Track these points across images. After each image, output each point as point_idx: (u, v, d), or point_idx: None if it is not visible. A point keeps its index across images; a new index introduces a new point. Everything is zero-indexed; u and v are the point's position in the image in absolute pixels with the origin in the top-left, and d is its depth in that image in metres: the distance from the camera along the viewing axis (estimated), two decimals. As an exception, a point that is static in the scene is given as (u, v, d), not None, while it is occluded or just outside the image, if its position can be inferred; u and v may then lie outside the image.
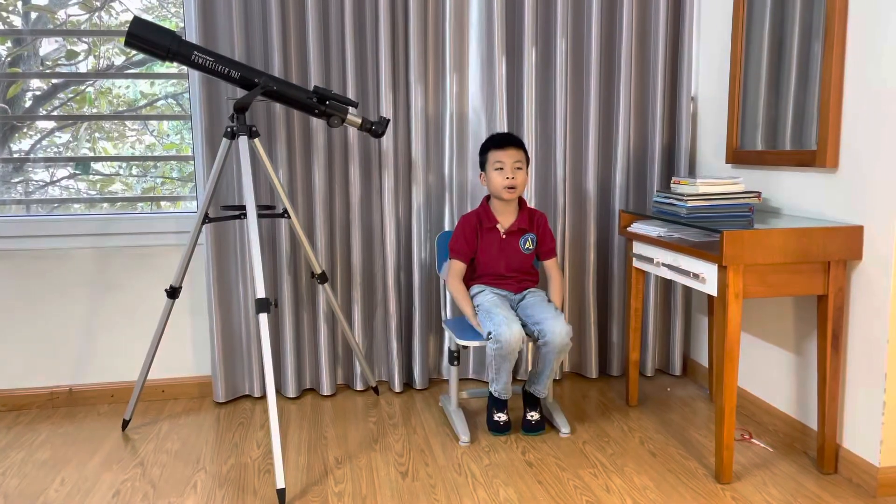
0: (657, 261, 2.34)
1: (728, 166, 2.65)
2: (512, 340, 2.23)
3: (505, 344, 2.23)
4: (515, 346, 2.25)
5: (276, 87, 2.26)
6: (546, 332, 2.26)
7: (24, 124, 2.77)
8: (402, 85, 2.72)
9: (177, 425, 2.55)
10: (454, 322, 2.51)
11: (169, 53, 2.13)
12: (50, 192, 2.83)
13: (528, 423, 2.41)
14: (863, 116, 1.98)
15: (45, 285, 2.70)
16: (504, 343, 2.23)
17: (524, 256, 2.49)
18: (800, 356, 2.29)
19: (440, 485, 2.07)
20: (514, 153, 2.39)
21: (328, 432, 2.46)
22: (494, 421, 2.42)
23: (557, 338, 2.25)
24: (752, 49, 2.46)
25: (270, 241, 2.73)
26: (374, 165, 2.75)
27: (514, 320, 2.28)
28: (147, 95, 2.86)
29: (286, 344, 2.74)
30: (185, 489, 2.07)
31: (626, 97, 2.80)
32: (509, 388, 2.39)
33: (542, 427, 2.42)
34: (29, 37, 2.72)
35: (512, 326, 2.24)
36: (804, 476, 2.10)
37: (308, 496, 2.01)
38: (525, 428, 2.41)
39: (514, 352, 2.26)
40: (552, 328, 2.26)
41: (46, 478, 2.16)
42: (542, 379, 2.37)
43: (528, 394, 2.44)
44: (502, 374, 2.33)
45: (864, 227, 1.99)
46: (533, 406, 2.44)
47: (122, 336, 2.77)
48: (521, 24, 2.71)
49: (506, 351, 2.25)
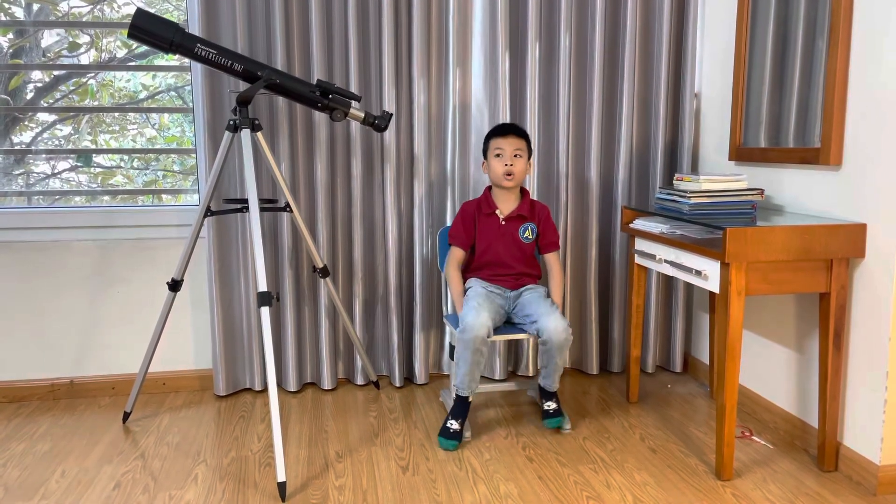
0: (659, 257, 2.34)
1: (731, 163, 2.64)
2: (475, 326, 2.19)
3: (467, 328, 2.20)
4: (478, 335, 2.19)
5: (279, 80, 2.25)
6: (543, 331, 2.26)
7: (26, 116, 2.76)
8: (404, 79, 2.72)
9: (177, 418, 2.55)
10: (454, 317, 2.51)
11: (172, 46, 2.13)
12: (51, 184, 2.82)
13: (546, 412, 2.39)
14: (867, 114, 1.97)
15: (47, 277, 2.70)
16: (466, 327, 2.20)
17: (523, 245, 2.47)
18: (801, 354, 2.29)
19: (441, 479, 2.07)
20: (514, 141, 2.39)
21: (329, 426, 2.46)
22: (445, 427, 2.29)
23: (554, 335, 2.24)
24: (755, 45, 2.45)
25: (272, 235, 2.73)
26: (377, 160, 2.75)
27: (484, 310, 2.24)
28: (148, 88, 2.85)
29: (287, 338, 2.74)
30: (185, 482, 2.07)
31: (629, 93, 2.79)
32: (472, 385, 2.28)
33: (560, 416, 2.38)
34: (31, 28, 2.71)
35: (480, 314, 2.21)
36: (804, 474, 2.10)
37: (309, 490, 2.02)
38: (543, 417, 2.40)
39: (476, 341, 2.20)
40: (547, 325, 2.25)
41: (47, 469, 2.16)
42: (549, 373, 2.37)
43: (541, 388, 2.44)
44: (461, 363, 2.26)
45: (866, 225, 1.99)
46: (547, 397, 2.42)
47: (124, 329, 2.77)
48: (525, 18, 2.71)
49: (467, 337, 2.20)
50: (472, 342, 2.22)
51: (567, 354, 2.36)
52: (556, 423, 2.39)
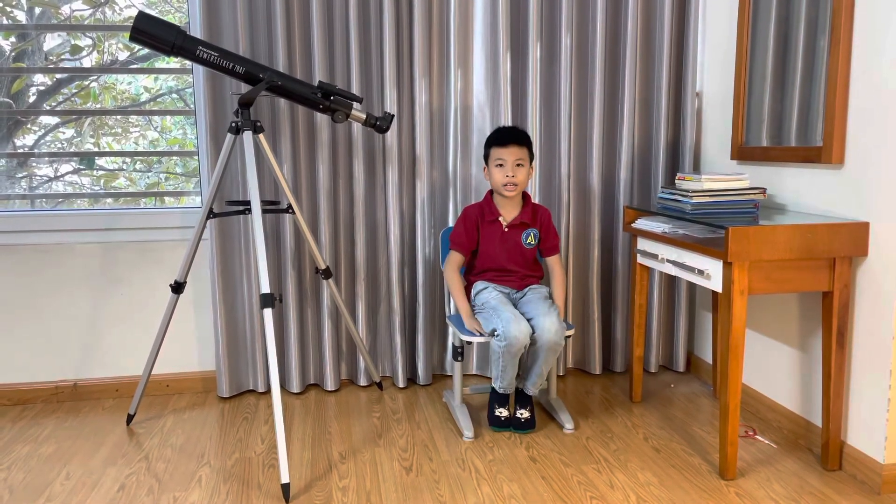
0: (662, 257, 2.34)
1: (733, 162, 2.64)
2: (520, 337, 2.22)
3: (513, 341, 2.22)
4: (523, 343, 2.24)
5: (281, 82, 2.25)
6: (535, 329, 2.26)
7: (29, 119, 2.77)
8: (406, 80, 2.72)
9: (181, 420, 2.56)
10: (458, 318, 2.51)
11: (174, 48, 2.13)
12: (54, 187, 2.83)
13: (518, 420, 2.39)
14: (869, 112, 1.97)
15: (50, 280, 2.70)
16: (512, 340, 2.22)
17: (526, 251, 2.48)
18: (804, 353, 2.29)
19: (444, 480, 2.07)
20: (515, 150, 2.39)
21: (332, 427, 2.47)
22: (495, 416, 2.41)
23: (546, 334, 2.24)
24: (757, 44, 2.45)
25: (275, 237, 2.73)
26: (379, 161, 2.75)
27: (521, 318, 2.27)
28: (150, 90, 2.86)
29: (290, 339, 2.74)
30: (189, 483, 2.07)
31: (630, 93, 2.79)
32: (514, 383, 2.38)
33: (533, 425, 2.40)
34: (33, 32, 2.72)
35: (520, 324, 2.24)
36: (808, 473, 2.10)
37: (312, 491, 2.02)
38: (514, 426, 2.40)
39: (521, 349, 2.26)
40: (542, 324, 2.25)
41: (52, 472, 2.17)
42: (531, 376, 2.36)
43: (519, 391, 2.43)
44: (508, 371, 2.32)
45: (869, 224, 1.98)
46: (524, 403, 2.41)
47: (127, 331, 2.77)
48: (526, 19, 2.71)
49: (515, 349, 2.24)
50: (519, 350, 2.25)
51: (554, 361, 2.32)
52: (526, 432, 2.39)
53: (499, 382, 2.37)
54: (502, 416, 2.40)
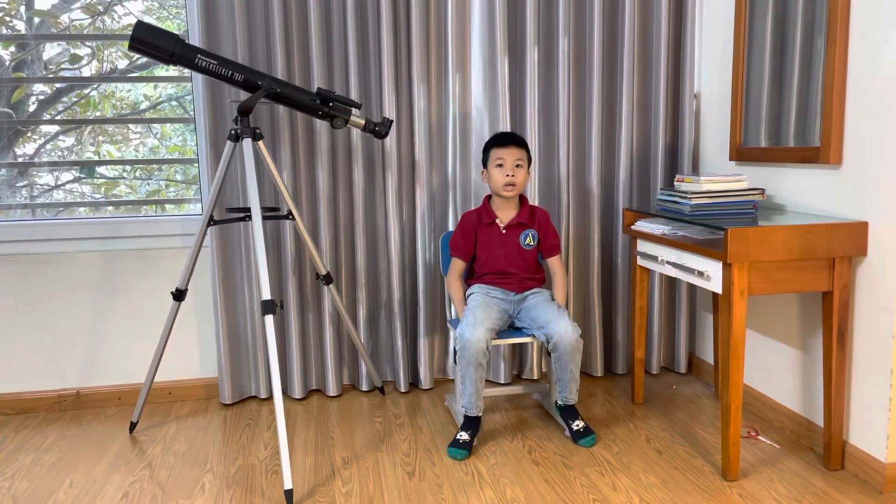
0: (661, 259, 2.34)
1: (732, 163, 2.65)
2: (473, 341, 2.18)
3: (466, 344, 2.19)
4: (477, 351, 2.19)
5: (280, 89, 2.26)
6: (553, 335, 2.23)
7: (29, 128, 2.78)
8: (404, 86, 2.73)
9: (184, 427, 2.56)
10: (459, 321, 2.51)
11: (172, 57, 2.14)
12: (55, 195, 2.84)
13: (577, 433, 2.31)
14: (866, 112, 1.98)
15: (51, 289, 2.71)
16: (465, 343, 2.19)
17: (525, 252, 2.48)
18: (805, 353, 2.29)
19: (447, 484, 2.07)
20: (515, 151, 2.40)
21: (335, 433, 2.47)
22: (455, 439, 2.27)
23: (565, 338, 2.22)
24: (754, 45, 2.46)
25: (275, 243, 2.74)
26: (378, 166, 2.76)
27: (482, 323, 2.22)
28: (150, 98, 2.87)
29: (292, 345, 2.74)
30: (193, 491, 2.08)
31: (628, 95, 2.79)
32: (478, 403, 2.27)
33: (592, 433, 2.30)
34: (32, 41, 2.73)
35: (477, 329, 2.19)
36: (811, 473, 2.10)
37: (316, 497, 2.02)
38: (574, 439, 2.32)
39: (476, 356, 2.20)
40: (556, 330, 2.23)
41: (55, 480, 2.17)
42: (565, 384, 2.32)
43: (561, 407, 2.39)
44: (467, 382, 2.24)
45: (868, 224, 1.99)
46: (571, 416, 2.35)
47: (129, 339, 2.78)
48: (524, 23, 2.72)
49: (468, 354, 2.20)
50: (474, 357, 2.21)
51: (579, 360, 2.28)
52: (591, 442, 2.30)
53: (462, 400, 2.28)
54: (460, 440, 2.25)
